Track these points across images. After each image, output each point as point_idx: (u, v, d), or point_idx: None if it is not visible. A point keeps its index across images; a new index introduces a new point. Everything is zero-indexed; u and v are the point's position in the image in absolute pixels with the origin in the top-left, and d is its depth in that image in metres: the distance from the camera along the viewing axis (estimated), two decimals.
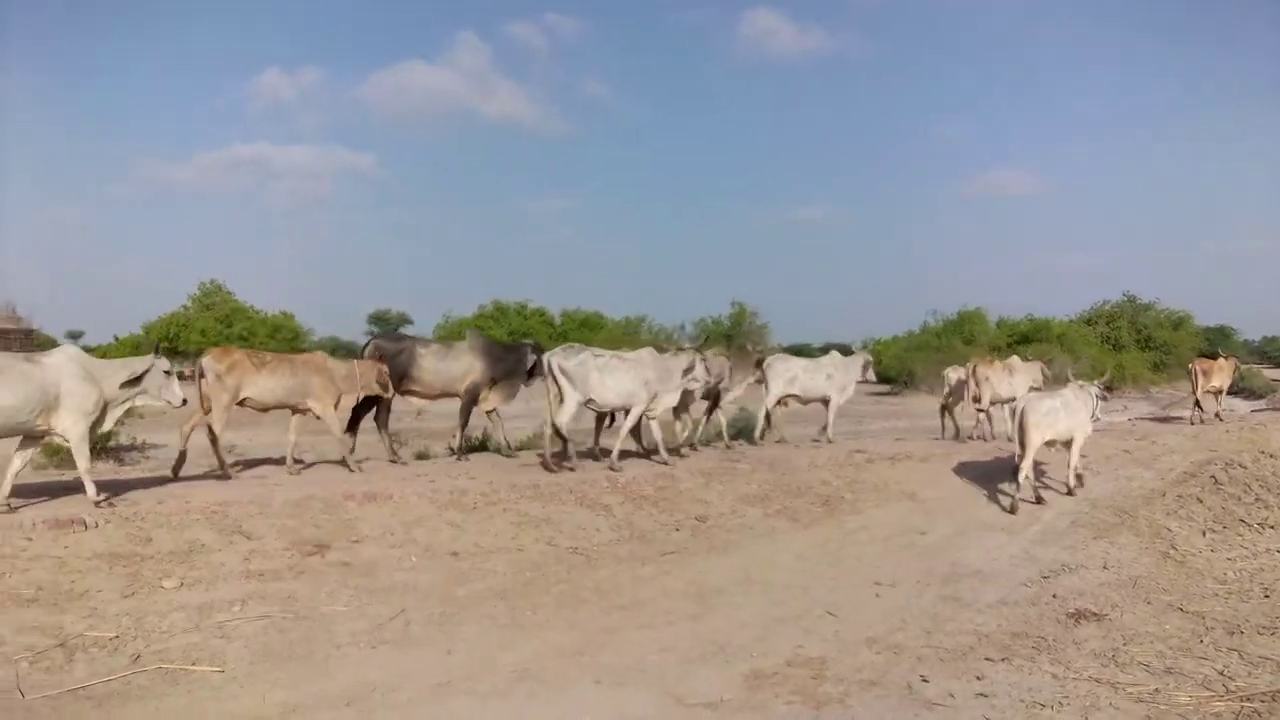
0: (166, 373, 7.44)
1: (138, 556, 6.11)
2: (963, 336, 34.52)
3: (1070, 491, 10.00)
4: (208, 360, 8.60)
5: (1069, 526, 8.96)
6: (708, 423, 12.59)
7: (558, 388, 9.64)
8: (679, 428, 11.75)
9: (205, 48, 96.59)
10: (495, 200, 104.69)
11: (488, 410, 11.03)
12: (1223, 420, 16.16)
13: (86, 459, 6.86)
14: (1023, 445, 9.44)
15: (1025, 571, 7.55)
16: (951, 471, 11.06)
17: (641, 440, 10.89)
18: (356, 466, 9.38)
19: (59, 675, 4.69)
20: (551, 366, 9.63)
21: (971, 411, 13.75)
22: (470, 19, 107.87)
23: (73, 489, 7.36)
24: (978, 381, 13.40)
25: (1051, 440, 9.69)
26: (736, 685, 4.93)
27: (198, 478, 8.61)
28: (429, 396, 10.65)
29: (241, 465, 9.84)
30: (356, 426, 10.33)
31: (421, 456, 11.46)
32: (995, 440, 13.49)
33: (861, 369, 13.46)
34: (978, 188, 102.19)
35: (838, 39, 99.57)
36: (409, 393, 10.44)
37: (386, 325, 49.85)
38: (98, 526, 6.41)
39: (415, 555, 6.92)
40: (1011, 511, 9.39)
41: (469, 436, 11.22)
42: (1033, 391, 11.00)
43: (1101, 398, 10.38)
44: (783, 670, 5.16)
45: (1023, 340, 32.42)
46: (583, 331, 35.42)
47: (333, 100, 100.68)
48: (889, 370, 29.91)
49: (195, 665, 4.92)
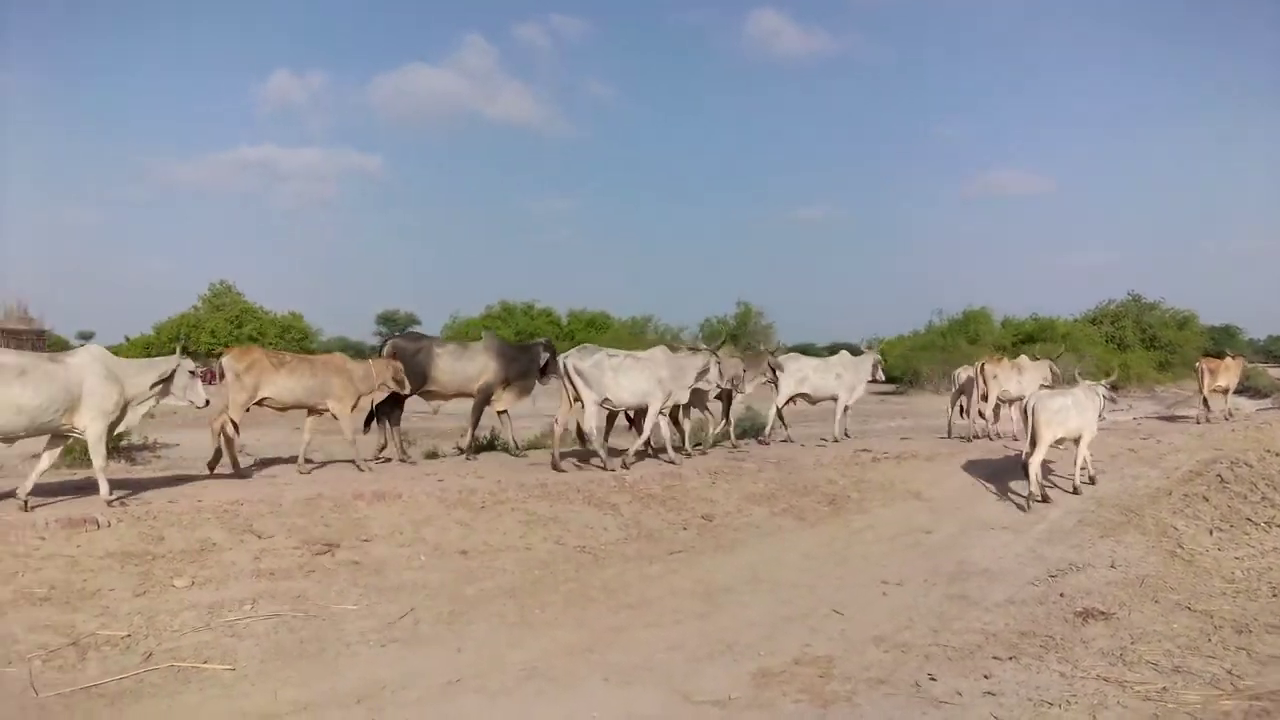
0: (191, 373, 7.53)
1: (150, 555, 6.14)
2: (968, 336, 34.55)
3: (1076, 490, 10.00)
4: (227, 359, 8.71)
5: (1075, 525, 8.96)
6: (728, 422, 12.64)
7: (574, 389, 9.71)
8: (687, 426, 11.77)
9: (213, 51, 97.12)
10: (501, 201, 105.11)
11: (500, 410, 11.07)
12: (1231, 419, 16.14)
13: (103, 458, 6.91)
14: (1033, 443, 9.45)
15: (1032, 570, 7.55)
16: (957, 470, 11.07)
17: (649, 439, 10.90)
18: (366, 466, 9.42)
19: (72, 674, 4.72)
20: (567, 368, 9.70)
21: (986, 410, 13.73)
22: (476, 21, 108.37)
23: (84, 488, 7.40)
24: (985, 380, 13.40)
25: (1061, 438, 9.70)
26: (744, 684, 4.95)
27: (210, 477, 8.65)
28: (445, 396, 10.73)
29: (255, 464, 9.89)
30: (385, 423, 10.48)
31: (431, 456, 11.50)
32: (1001, 439, 13.50)
33: (871, 369, 13.49)
34: (980, 187, 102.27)
35: (841, 40, 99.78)
36: (426, 393, 10.52)
37: (394, 325, 50.06)
38: (110, 525, 6.45)
39: (424, 554, 6.95)
40: (1030, 506, 9.43)
41: (477, 436, 11.26)
42: (1043, 389, 11.01)
43: (1109, 398, 10.38)
44: (790, 669, 5.18)
45: (1027, 340, 32.40)
46: (589, 331, 35.50)
47: (339, 102, 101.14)
48: (894, 370, 29.93)
49: (207, 664, 4.95)
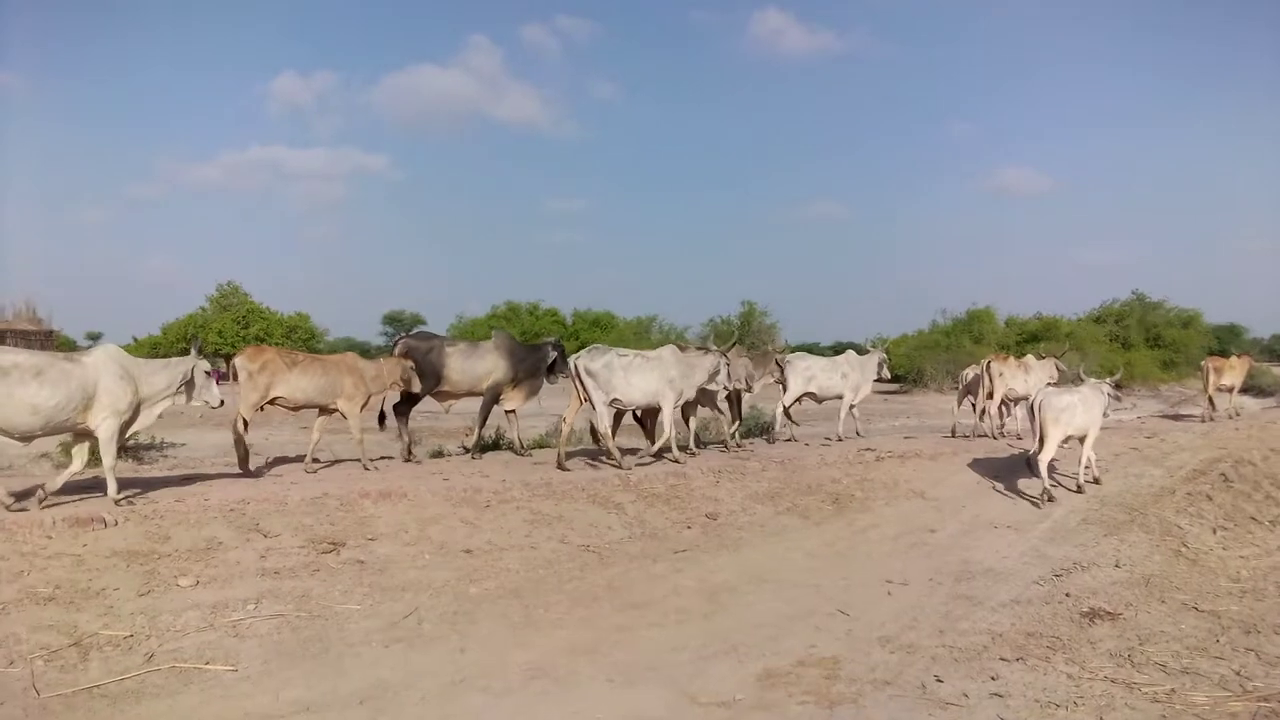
0: (207, 373, 7.53)
1: (155, 554, 6.13)
2: (972, 335, 34.49)
3: (1080, 489, 9.97)
4: (240, 359, 8.74)
5: (1080, 524, 8.93)
6: (740, 422, 12.69)
7: (584, 389, 9.73)
8: (693, 425, 11.76)
9: (220, 52, 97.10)
10: (507, 201, 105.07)
11: (508, 409, 11.09)
12: (1238, 417, 16.11)
13: (113, 457, 6.92)
14: (1042, 439, 9.44)
15: (1037, 570, 7.52)
16: (961, 469, 11.05)
17: (654, 438, 10.91)
18: (372, 465, 9.43)
19: (73, 674, 4.70)
20: (578, 369, 9.74)
21: (991, 409, 13.69)
22: (482, 22, 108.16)
23: (91, 488, 7.40)
24: (992, 378, 13.38)
25: (1068, 436, 9.69)
26: (749, 684, 4.92)
27: (215, 475, 8.65)
28: (456, 395, 10.79)
29: (267, 463, 9.90)
30: (402, 423, 10.58)
31: (436, 455, 11.49)
32: (1006, 438, 13.48)
33: (876, 367, 13.50)
34: (987, 185, 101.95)
35: (847, 39, 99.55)
36: (438, 392, 10.56)
37: (400, 326, 50.12)
38: (117, 524, 6.45)
39: (429, 553, 6.94)
40: (1044, 503, 9.46)
41: (483, 435, 11.27)
42: (1049, 387, 11.00)
43: (1114, 396, 10.37)
44: (795, 669, 5.15)
45: (1031, 339, 32.38)
46: (594, 331, 35.50)
47: (346, 103, 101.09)
48: (898, 369, 29.86)
49: (209, 664, 4.93)
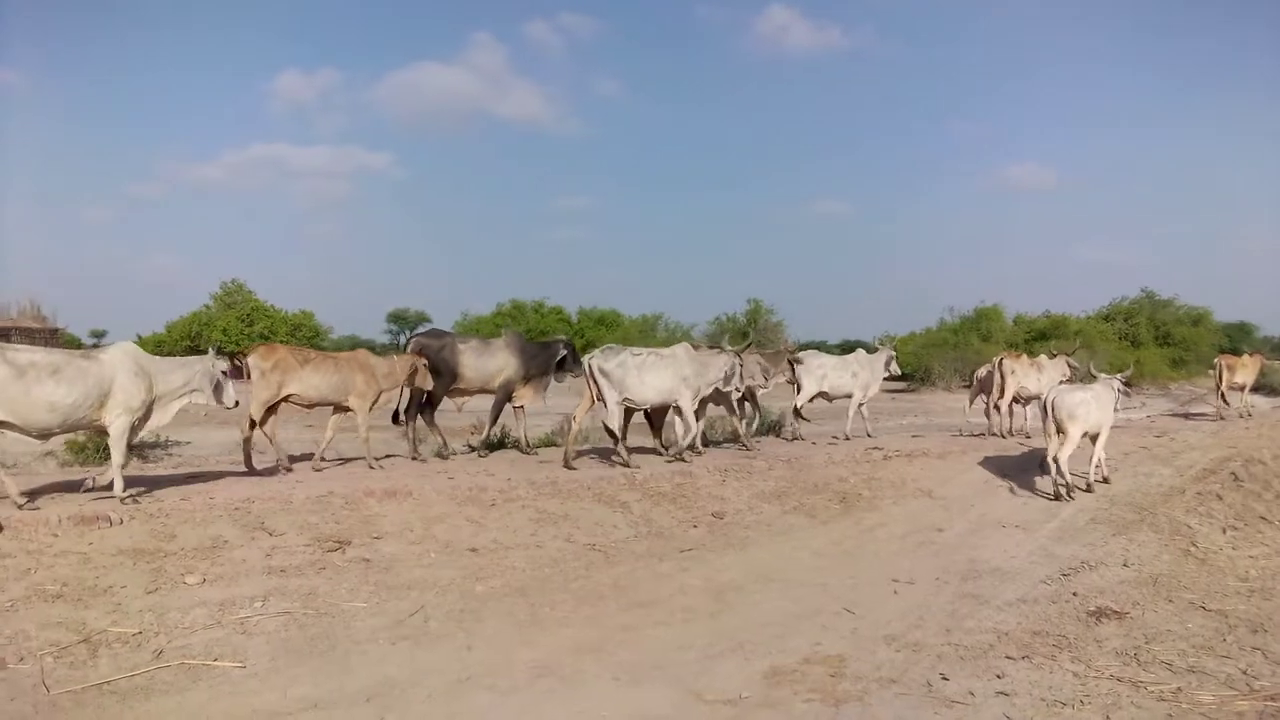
0: (224, 373, 7.57)
1: (161, 552, 6.16)
2: (980, 333, 34.34)
3: (1089, 488, 9.93)
4: (253, 358, 8.78)
5: (1088, 524, 8.89)
6: (758, 415, 12.80)
7: (596, 388, 9.76)
8: (701, 424, 11.77)
9: (223, 50, 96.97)
10: (512, 199, 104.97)
11: (516, 406, 11.14)
12: (1250, 416, 16.04)
13: (122, 454, 6.96)
14: (1061, 436, 9.50)
15: (1044, 569, 7.49)
16: (969, 468, 11.02)
17: (660, 436, 10.94)
18: (377, 464, 9.46)
19: (83, 670, 4.73)
20: (592, 368, 9.78)
21: (1003, 408, 13.66)
22: (486, 19, 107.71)
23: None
24: (1003, 375, 13.33)
25: (1084, 433, 9.68)
26: (755, 682, 4.92)
27: (220, 474, 8.68)
28: (468, 392, 10.88)
29: (270, 461, 9.90)
30: (430, 422, 10.72)
31: (441, 454, 11.50)
32: (1015, 437, 13.44)
33: (885, 364, 13.48)
34: (993, 183, 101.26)
35: (853, 36, 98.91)
36: (450, 390, 10.61)
37: (405, 324, 50.23)
38: (123, 523, 6.48)
39: (435, 552, 6.96)
40: (1069, 497, 9.51)
41: (492, 433, 11.30)
42: (1062, 384, 10.98)
43: (1124, 392, 10.35)
44: (801, 668, 5.15)
45: (1040, 337, 32.24)
46: (599, 329, 35.48)
47: (350, 101, 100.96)
48: (906, 367, 29.75)
49: (217, 661, 4.95)
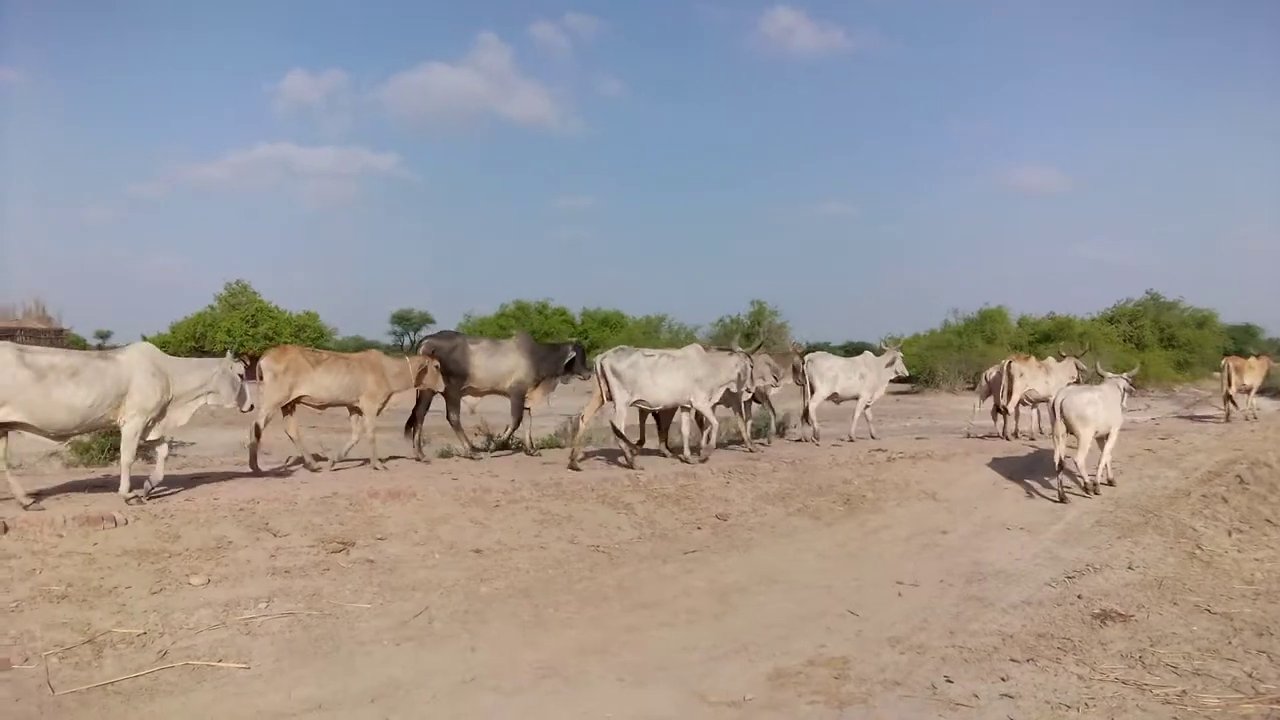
0: (240, 376, 7.61)
1: (166, 553, 6.17)
2: (984, 335, 34.32)
3: (1095, 490, 9.90)
4: (266, 359, 8.83)
5: (1093, 526, 8.87)
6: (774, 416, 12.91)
7: (607, 387, 9.80)
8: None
9: (229, 50, 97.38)
10: (517, 200, 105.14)
11: (525, 406, 11.17)
12: (1255, 419, 15.99)
13: (131, 454, 6.97)
14: (1070, 434, 9.55)
15: (1049, 571, 7.48)
16: (973, 470, 11.00)
17: (666, 439, 10.94)
18: (381, 465, 9.46)
19: (88, 671, 4.74)
20: (604, 369, 9.84)
21: (1010, 410, 13.63)
22: (491, 20, 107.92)
23: (100, 486, 7.45)
24: (1011, 378, 13.30)
25: (1096, 433, 9.69)
26: (759, 684, 4.92)
27: (224, 475, 8.69)
28: (479, 393, 10.94)
29: (279, 461, 9.94)
30: (455, 426, 10.77)
31: (445, 455, 11.52)
32: (1020, 439, 13.41)
33: (892, 365, 13.45)
34: (997, 184, 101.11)
35: (857, 37, 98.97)
36: (461, 390, 10.65)
37: (409, 325, 50.31)
38: (127, 523, 6.49)
39: (439, 553, 6.96)
40: (1094, 490, 9.68)
41: (491, 435, 11.32)
42: (1070, 386, 10.97)
43: (1129, 391, 10.35)
44: (805, 669, 5.14)
45: (1044, 339, 32.19)
46: (603, 330, 35.54)
47: (355, 102, 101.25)
48: (910, 369, 29.74)
49: (221, 662, 4.97)
